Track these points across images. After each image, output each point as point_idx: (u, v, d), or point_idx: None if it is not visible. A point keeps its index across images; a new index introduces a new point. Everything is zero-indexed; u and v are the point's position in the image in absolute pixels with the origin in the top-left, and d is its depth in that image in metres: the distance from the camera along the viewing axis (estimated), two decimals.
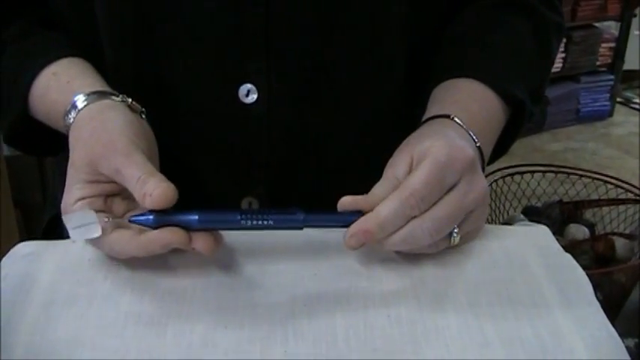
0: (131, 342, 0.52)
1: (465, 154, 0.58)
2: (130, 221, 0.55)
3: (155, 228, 0.54)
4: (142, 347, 0.51)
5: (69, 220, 0.55)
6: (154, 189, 0.53)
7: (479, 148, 0.63)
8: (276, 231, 0.56)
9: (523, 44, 0.73)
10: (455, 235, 0.58)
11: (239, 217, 0.55)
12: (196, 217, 0.54)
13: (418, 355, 0.51)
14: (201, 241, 0.54)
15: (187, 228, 0.54)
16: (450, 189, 0.57)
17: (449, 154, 0.57)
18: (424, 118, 0.66)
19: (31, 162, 2.02)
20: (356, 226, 0.56)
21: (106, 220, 0.55)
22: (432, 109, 0.67)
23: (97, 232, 0.55)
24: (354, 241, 0.56)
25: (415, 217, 0.56)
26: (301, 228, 0.57)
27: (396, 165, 0.59)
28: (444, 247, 0.59)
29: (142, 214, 0.54)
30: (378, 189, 0.58)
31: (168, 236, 0.53)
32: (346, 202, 0.57)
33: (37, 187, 2.05)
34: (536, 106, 0.73)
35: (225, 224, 0.56)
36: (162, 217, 0.54)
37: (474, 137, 0.63)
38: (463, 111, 0.65)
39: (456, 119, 0.63)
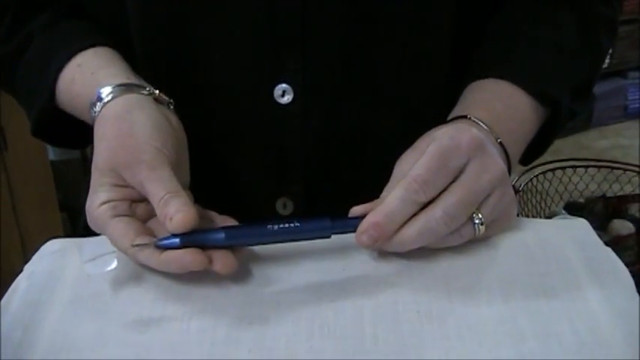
0: (155, 338, 0.51)
1: (470, 135, 0.56)
2: (156, 246, 0.54)
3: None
4: (165, 343, 0.50)
5: (82, 253, 0.54)
6: (175, 212, 0.52)
7: (500, 144, 0.62)
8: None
9: (565, 38, 0.70)
10: (478, 223, 0.56)
11: (266, 230, 0.55)
12: (223, 235, 0.54)
13: (449, 353, 0.49)
14: (220, 263, 0.53)
15: (215, 246, 0.53)
16: (460, 173, 0.56)
17: (453, 136, 0.56)
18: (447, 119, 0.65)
19: (76, 167, 2.05)
20: (365, 222, 0.55)
21: (134, 245, 0.53)
22: (453, 112, 0.66)
23: (112, 264, 0.54)
24: (366, 238, 0.54)
25: (425, 207, 0.55)
26: (329, 236, 0.56)
27: (404, 162, 0.58)
28: (470, 237, 0.57)
29: (167, 238, 0.53)
30: (386, 188, 0.58)
31: (187, 258, 0.52)
32: (357, 211, 0.57)
33: (83, 192, 2.07)
34: (580, 103, 0.70)
35: (252, 239, 0.56)
36: (188, 238, 0.53)
37: (495, 135, 0.62)
38: (484, 110, 0.63)
39: (472, 117, 0.62)
